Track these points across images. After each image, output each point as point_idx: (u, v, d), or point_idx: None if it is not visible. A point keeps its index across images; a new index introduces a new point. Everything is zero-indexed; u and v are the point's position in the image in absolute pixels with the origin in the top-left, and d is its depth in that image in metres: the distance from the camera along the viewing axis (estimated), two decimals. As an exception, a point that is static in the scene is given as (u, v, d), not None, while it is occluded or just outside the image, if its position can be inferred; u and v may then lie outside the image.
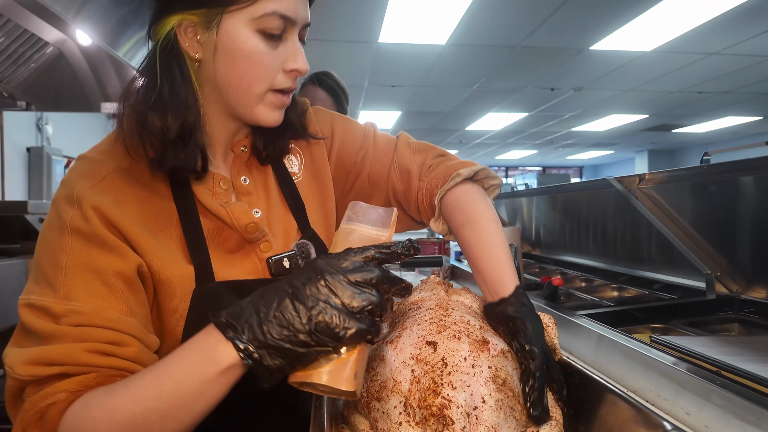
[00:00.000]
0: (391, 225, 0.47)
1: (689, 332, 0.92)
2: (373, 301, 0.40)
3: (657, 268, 1.24)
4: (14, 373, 0.46)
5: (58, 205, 0.52)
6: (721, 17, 3.17)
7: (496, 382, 0.47)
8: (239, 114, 0.59)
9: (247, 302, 0.41)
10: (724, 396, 0.56)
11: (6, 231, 1.74)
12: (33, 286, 0.50)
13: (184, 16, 0.53)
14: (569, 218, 1.61)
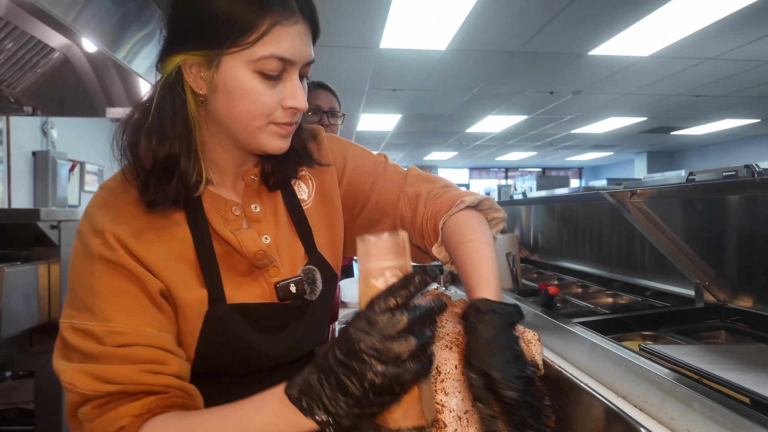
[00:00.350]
0: (405, 250, 0.48)
1: (678, 340, 0.96)
2: (412, 346, 0.42)
3: (650, 276, 1.29)
4: (76, 388, 0.50)
5: (83, 235, 0.56)
6: (717, 24, 3.21)
7: None
8: (245, 145, 0.61)
9: (314, 376, 0.44)
10: (704, 403, 0.61)
11: (18, 237, 1.78)
12: (71, 310, 0.54)
13: (188, 55, 0.55)
14: (566, 226, 1.66)
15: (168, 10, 0.58)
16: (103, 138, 4.75)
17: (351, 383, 0.42)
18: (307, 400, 0.43)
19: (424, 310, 0.44)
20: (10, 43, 2.38)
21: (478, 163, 12.01)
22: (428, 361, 0.44)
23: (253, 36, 0.53)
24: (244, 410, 0.47)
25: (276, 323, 0.64)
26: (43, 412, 1.80)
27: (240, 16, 0.53)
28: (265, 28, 0.53)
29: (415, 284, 0.44)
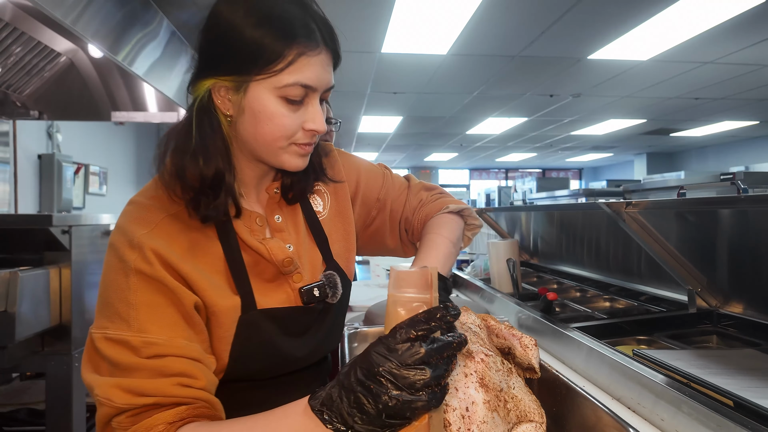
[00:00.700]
0: (431, 286, 0.51)
1: (671, 344, 1.01)
2: (426, 377, 0.45)
3: (645, 282, 1.33)
4: (112, 402, 0.52)
5: (119, 249, 0.58)
6: (715, 28, 3.25)
7: (483, 385, 0.56)
8: (267, 162, 0.66)
9: (335, 390, 0.48)
10: (692, 405, 0.65)
11: (31, 242, 1.83)
12: (105, 321, 0.56)
13: (218, 80, 0.60)
14: (565, 232, 1.70)
15: (200, 37, 0.62)
16: (107, 140, 4.80)
17: (367, 402, 0.45)
18: (328, 412, 0.47)
19: (442, 344, 0.47)
20: (18, 48, 2.42)
21: (479, 164, 12.05)
22: (441, 392, 0.47)
23: (280, 65, 0.58)
24: (269, 421, 0.51)
25: (300, 327, 0.68)
26: (54, 413, 1.84)
27: (269, 47, 0.57)
28: (291, 57, 0.58)
29: (437, 320, 0.47)
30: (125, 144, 5.19)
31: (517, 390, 0.59)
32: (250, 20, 0.57)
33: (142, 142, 5.60)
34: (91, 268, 2.00)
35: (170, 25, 2.59)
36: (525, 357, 0.65)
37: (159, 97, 3.04)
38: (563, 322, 1.09)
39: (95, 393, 0.54)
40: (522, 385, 0.61)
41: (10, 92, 2.79)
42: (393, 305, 0.51)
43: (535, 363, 0.65)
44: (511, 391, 0.58)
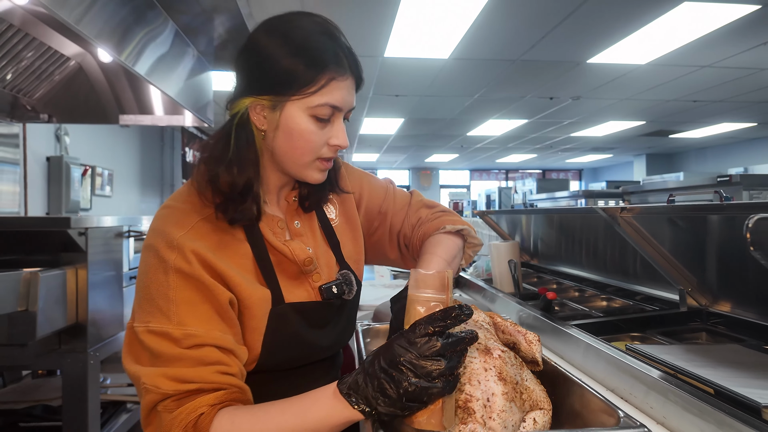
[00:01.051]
0: (447, 288, 0.58)
1: (663, 340, 1.07)
2: (441, 367, 0.52)
3: (640, 282, 1.40)
4: (160, 389, 0.58)
5: (158, 250, 0.64)
6: (712, 33, 3.32)
7: (502, 378, 0.62)
8: (292, 174, 0.73)
9: (360, 377, 0.55)
10: (677, 393, 0.71)
11: (49, 244, 1.89)
12: (146, 316, 0.62)
13: (257, 99, 0.67)
14: (564, 234, 1.76)
15: (239, 59, 0.70)
16: (113, 142, 4.87)
17: (389, 387, 0.53)
18: (355, 395, 0.55)
19: (456, 339, 0.54)
20: (29, 53, 2.49)
21: (479, 165, 12.12)
22: (454, 380, 0.54)
23: (313, 88, 0.66)
24: (302, 403, 0.58)
25: (322, 320, 0.76)
26: (71, 408, 1.90)
27: (304, 73, 0.65)
28: (323, 82, 0.66)
29: (452, 318, 0.54)
30: (130, 146, 5.25)
31: (528, 381, 0.66)
32: (287, 50, 0.65)
33: (146, 144, 5.67)
34: (105, 269, 2.07)
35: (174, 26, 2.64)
36: (529, 351, 0.71)
37: (165, 100, 3.10)
38: (562, 320, 1.15)
39: (142, 381, 0.60)
40: (532, 377, 0.68)
41: (20, 96, 2.86)
42: (412, 303, 0.58)
43: (539, 357, 0.72)
44: (524, 383, 0.65)
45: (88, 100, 3.02)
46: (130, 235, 2.28)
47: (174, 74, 2.69)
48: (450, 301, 0.58)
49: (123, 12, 1.98)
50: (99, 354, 2.00)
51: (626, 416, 0.55)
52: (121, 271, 2.21)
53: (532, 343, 0.72)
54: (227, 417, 0.58)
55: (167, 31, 2.56)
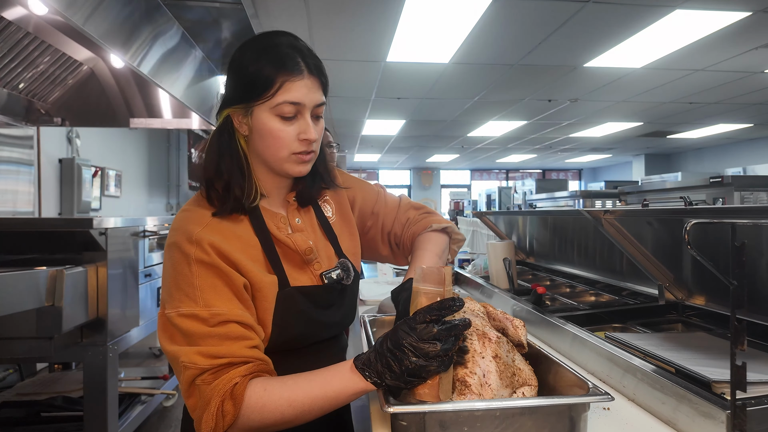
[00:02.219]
0: (446, 282, 0.69)
1: (641, 331, 1.18)
2: (437, 349, 0.63)
3: (626, 278, 1.50)
4: (197, 365, 0.67)
5: (180, 245, 0.74)
6: (706, 38, 3.42)
7: (496, 359, 0.73)
8: (276, 170, 0.83)
9: (372, 355, 0.67)
10: (644, 372, 0.83)
11: (72, 243, 2.00)
12: (176, 302, 0.71)
13: (234, 108, 0.79)
14: (557, 234, 1.87)
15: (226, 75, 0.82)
16: (122, 144, 4.98)
17: (394, 364, 0.64)
18: (368, 370, 0.66)
19: (450, 326, 0.65)
20: (44, 58, 2.60)
21: (479, 165, 12.21)
22: (448, 360, 0.65)
23: (272, 90, 0.75)
24: (325, 375, 0.69)
25: (325, 302, 0.86)
26: (91, 398, 2.01)
27: (262, 78, 0.75)
28: (278, 84, 0.75)
29: (446, 308, 0.65)
30: (138, 148, 5.37)
31: (518, 362, 0.77)
32: (248, 62, 0.76)
33: (153, 146, 5.78)
34: (123, 267, 2.18)
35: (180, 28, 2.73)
36: (516, 335, 0.82)
37: (173, 103, 3.20)
38: (552, 313, 1.26)
39: (180, 360, 0.69)
40: (521, 358, 0.79)
41: (35, 100, 2.97)
42: (416, 295, 0.70)
43: (524, 340, 0.83)
44: (515, 363, 0.76)
45: (99, 104, 3.13)
46: (145, 235, 2.39)
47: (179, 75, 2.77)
48: (448, 294, 0.69)
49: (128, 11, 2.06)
50: (117, 348, 2.11)
51: (594, 387, 0.66)
52: (136, 269, 2.33)
53: (518, 328, 0.83)
54: (260, 384, 0.68)
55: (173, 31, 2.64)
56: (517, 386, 0.78)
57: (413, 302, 0.70)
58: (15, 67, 2.45)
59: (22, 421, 2.15)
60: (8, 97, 2.75)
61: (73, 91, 3.11)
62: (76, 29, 1.65)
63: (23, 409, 2.21)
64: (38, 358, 1.93)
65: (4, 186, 3.15)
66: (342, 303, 0.90)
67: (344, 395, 0.68)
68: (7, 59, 2.37)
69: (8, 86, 2.60)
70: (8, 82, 2.58)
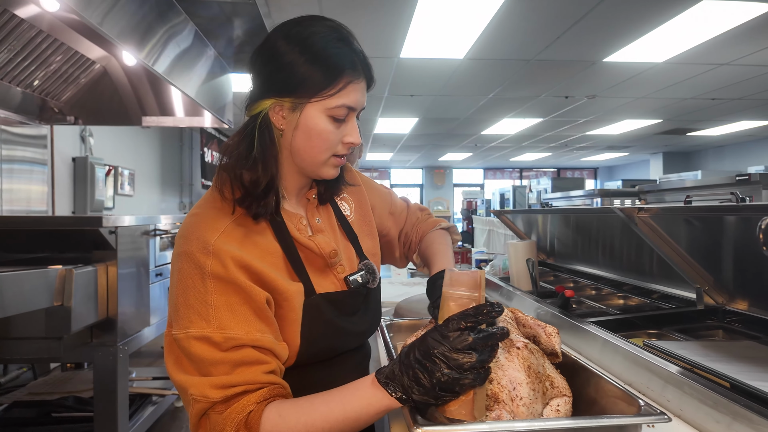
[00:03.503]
0: (480, 287, 0.62)
1: (679, 338, 1.10)
2: (473, 360, 0.55)
3: (656, 280, 1.42)
4: (209, 398, 0.60)
5: (194, 256, 0.65)
6: (731, 32, 3.29)
7: (526, 368, 0.66)
8: (308, 172, 0.77)
9: (396, 367, 0.59)
10: (693, 386, 0.75)
11: (82, 242, 1.97)
12: (185, 322, 0.63)
13: (278, 100, 0.71)
14: (580, 233, 1.79)
15: (257, 62, 0.73)
16: (135, 143, 4.99)
17: (423, 377, 0.57)
18: (392, 384, 0.59)
19: (487, 334, 0.57)
20: (57, 57, 2.58)
21: (493, 164, 12.08)
22: (485, 373, 0.57)
23: (331, 91, 0.70)
24: (343, 393, 0.62)
25: (351, 308, 0.80)
26: (101, 399, 1.98)
27: (323, 78, 0.69)
28: (341, 86, 0.70)
29: (484, 315, 0.58)
30: (151, 147, 5.37)
31: (549, 371, 0.70)
32: (307, 56, 0.69)
33: (166, 145, 5.79)
34: (133, 266, 2.15)
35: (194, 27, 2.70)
36: (549, 343, 0.75)
37: (186, 101, 3.17)
38: (580, 317, 1.18)
39: (190, 392, 0.62)
40: (552, 367, 0.72)
41: (48, 99, 2.96)
42: (446, 300, 0.62)
43: (558, 348, 0.76)
44: (546, 372, 0.69)
45: (112, 102, 3.11)
46: (156, 233, 2.36)
47: (193, 74, 2.75)
48: (482, 299, 0.62)
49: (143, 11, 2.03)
50: (127, 348, 2.08)
51: (647, 405, 0.58)
52: (147, 268, 2.29)
53: (552, 335, 0.76)
54: (275, 410, 0.61)
55: (186, 30, 2.62)
56: (549, 398, 0.71)
57: (442, 309, 0.63)
58: (28, 65, 2.44)
59: (33, 422, 2.13)
60: (23, 96, 2.75)
61: (86, 90, 3.10)
62: (93, 29, 1.62)
63: (34, 409, 2.19)
64: (48, 358, 1.90)
65: (18, 185, 3.15)
66: (367, 308, 0.83)
67: (366, 415, 0.60)
68: (20, 57, 2.36)
69: (22, 84, 2.59)
70: (22, 80, 2.57)
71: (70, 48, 2.51)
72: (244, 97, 0.77)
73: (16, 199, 3.10)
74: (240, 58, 3.44)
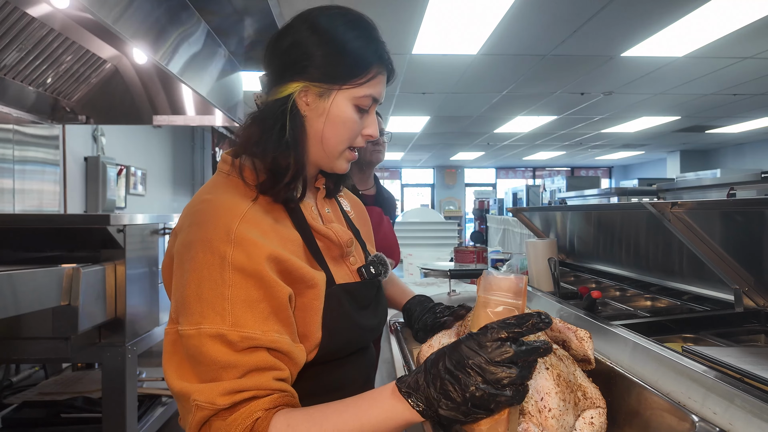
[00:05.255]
0: (523, 294, 0.55)
1: (718, 342, 1.02)
2: (513, 375, 0.49)
3: (687, 281, 1.33)
4: (216, 405, 0.55)
5: (212, 244, 0.60)
6: (755, 24, 3.17)
7: (554, 376, 0.60)
8: (320, 163, 0.76)
9: (422, 376, 0.53)
10: (746, 399, 0.67)
11: (89, 240, 1.95)
12: (197, 317, 0.58)
13: (307, 84, 0.69)
14: (602, 231, 1.71)
15: (280, 44, 0.71)
16: (147, 143, 4.99)
17: (454, 390, 0.50)
18: (415, 395, 0.52)
19: (530, 348, 0.51)
20: (68, 56, 2.57)
21: (505, 163, 11.95)
22: (524, 390, 0.51)
23: (362, 80, 0.70)
24: (360, 404, 0.56)
25: (366, 300, 0.77)
26: (110, 400, 1.95)
27: (355, 66, 0.70)
28: (371, 75, 0.71)
29: (528, 325, 0.51)
30: (162, 147, 5.38)
31: (581, 379, 0.63)
32: (339, 44, 0.69)
33: (178, 144, 5.79)
34: (142, 265, 2.12)
35: (206, 26, 2.68)
36: (581, 349, 0.68)
37: (197, 100, 3.16)
38: (608, 320, 1.11)
39: (194, 398, 0.56)
40: (584, 375, 0.65)
41: (60, 98, 2.96)
42: (483, 307, 0.56)
43: (591, 355, 0.69)
44: (577, 381, 0.62)
45: (123, 101, 3.10)
46: (165, 232, 2.33)
47: (205, 74, 2.73)
48: (524, 308, 0.55)
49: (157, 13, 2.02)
50: (136, 348, 2.04)
51: (701, 420, 0.51)
52: (156, 267, 2.26)
53: (584, 340, 0.69)
54: (283, 419, 0.56)
55: (199, 31, 2.60)
56: (581, 409, 0.64)
57: (477, 315, 0.56)
58: (40, 64, 2.43)
59: (42, 422, 2.11)
60: (36, 96, 2.75)
61: (97, 89, 3.10)
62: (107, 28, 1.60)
63: (44, 410, 2.17)
64: (55, 359, 1.88)
65: (30, 185, 3.16)
66: (378, 303, 0.81)
67: (385, 427, 0.54)
68: (32, 56, 2.35)
69: (34, 84, 2.59)
70: (34, 80, 2.56)
71: (82, 47, 2.50)
72: (255, 94, 0.75)
73: (29, 199, 3.10)
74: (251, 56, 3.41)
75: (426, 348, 0.77)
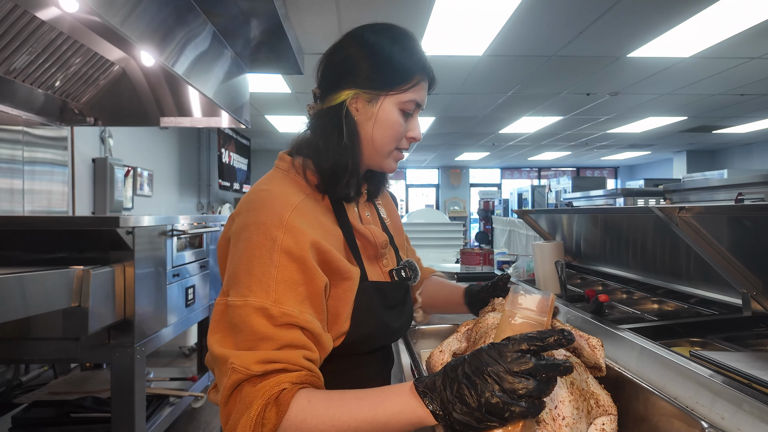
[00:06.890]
0: (549, 311, 0.57)
1: (726, 347, 1.02)
2: (530, 387, 0.49)
3: (695, 284, 1.33)
4: (249, 371, 0.59)
5: (266, 227, 0.67)
6: (763, 24, 3.15)
7: (567, 384, 0.60)
8: (371, 163, 0.83)
9: (439, 379, 0.55)
10: (754, 404, 0.67)
11: (98, 242, 1.96)
12: (245, 290, 0.64)
13: (358, 91, 0.77)
14: (609, 233, 1.71)
15: (335, 56, 0.79)
16: (154, 144, 5.03)
17: (469, 394, 0.51)
18: (430, 395, 0.54)
19: (550, 363, 0.51)
20: (77, 59, 2.59)
21: (510, 163, 11.91)
22: (540, 405, 0.51)
23: (407, 86, 0.78)
24: (377, 395, 0.59)
25: (394, 300, 0.82)
26: (119, 400, 1.97)
27: (402, 73, 0.77)
28: (415, 82, 0.78)
29: (550, 341, 0.52)
30: (169, 148, 5.41)
31: (594, 387, 0.64)
32: (387, 54, 0.77)
33: (184, 146, 5.83)
34: (150, 266, 2.14)
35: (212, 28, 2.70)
36: (592, 356, 0.69)
37: (203, 102, 3.18)
38: (615, 323, 1.11)
39: (230, 361, 0.61)
40: (595, 382, 0.65)
41: (69, 100, 2.98)
42: (507, 320, 0.57)
43: (602, 362, 0.69)
44: (590, 389, 0.63)
45: (130, 103, 3.13)
46: (173, 234, 2.35)
47: (212, 75, 2.75)
48: (549, 326, 0.56)
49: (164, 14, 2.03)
50: (144, 349, 2.06)
51: (711, 427, 0.52)
52: (164, 268, 2.28)
53: (596, 348, 0.70)
54: (305, 396, 0.60)
55: (205, 32, 2.62)
56: (594, 416, 0.64)
57: (501, 328, 0.57)
58: (49, 67, 2.46)
59: (52, 422, 2.13)
60: (45, 98, 2.77)
61: (105, 91, 3.13)
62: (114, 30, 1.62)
63: (53, 409, 2.19)
64: (65, 359, 1.90)
65: (39, 186, 3.18)
66: (405, 304, 0.86)
67: (396, 422, 0.56)
68: (41, 59, 2.38)
69: (43, 86, 2.61)
70: (43, 82, 2.59)
71: (90, 49, 2.53)
72: (260, 97, 0.82)
73: (38, 200, 3.13)
74: (257, 58, 3.42)
75: (436, 353, 0.79)
